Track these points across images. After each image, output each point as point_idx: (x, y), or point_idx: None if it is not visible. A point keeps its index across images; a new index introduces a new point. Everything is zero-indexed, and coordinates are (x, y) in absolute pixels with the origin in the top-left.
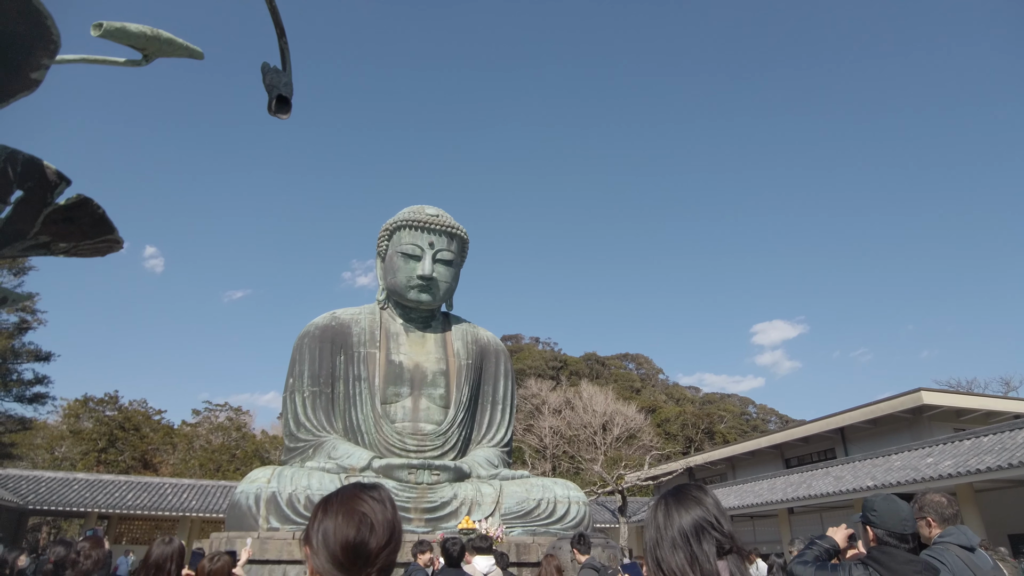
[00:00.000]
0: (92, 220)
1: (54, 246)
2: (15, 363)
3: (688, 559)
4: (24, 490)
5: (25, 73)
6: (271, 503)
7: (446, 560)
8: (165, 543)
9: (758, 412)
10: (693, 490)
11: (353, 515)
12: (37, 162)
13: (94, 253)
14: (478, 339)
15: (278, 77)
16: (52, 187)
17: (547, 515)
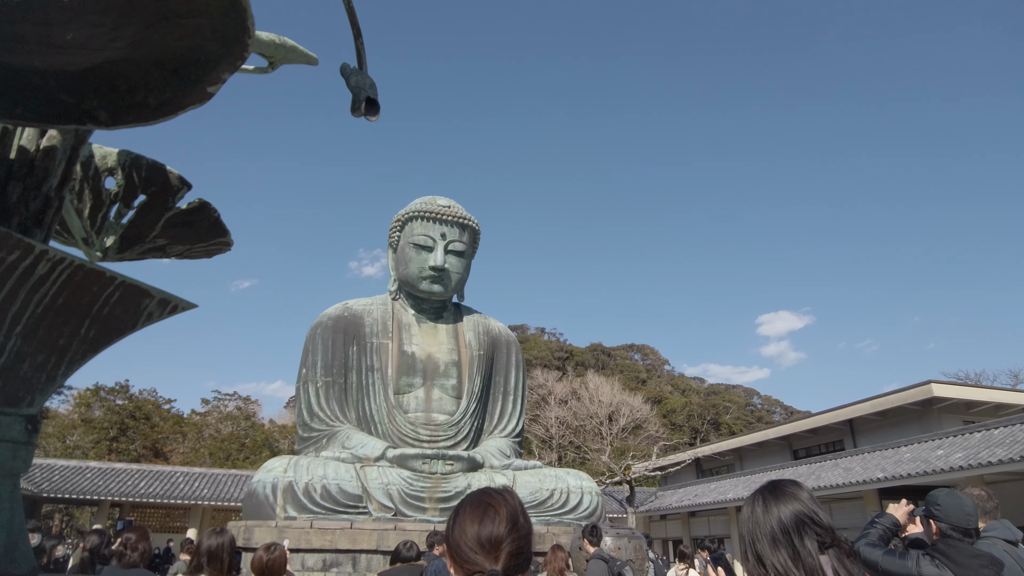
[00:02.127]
0: (208, 224)
1: (169, 249)
2: None
3: (791, 555)
4: (38, 478)
5: (202, 88)
6: (288, 492)
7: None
8: (217, 534)
9: (763, 403)
10: (788, 485)
11: (478, 508)
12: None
13: (204, 255)
14: (489, 330)
15: (363, 79)
16: (174, 192)
17: (560, 505)
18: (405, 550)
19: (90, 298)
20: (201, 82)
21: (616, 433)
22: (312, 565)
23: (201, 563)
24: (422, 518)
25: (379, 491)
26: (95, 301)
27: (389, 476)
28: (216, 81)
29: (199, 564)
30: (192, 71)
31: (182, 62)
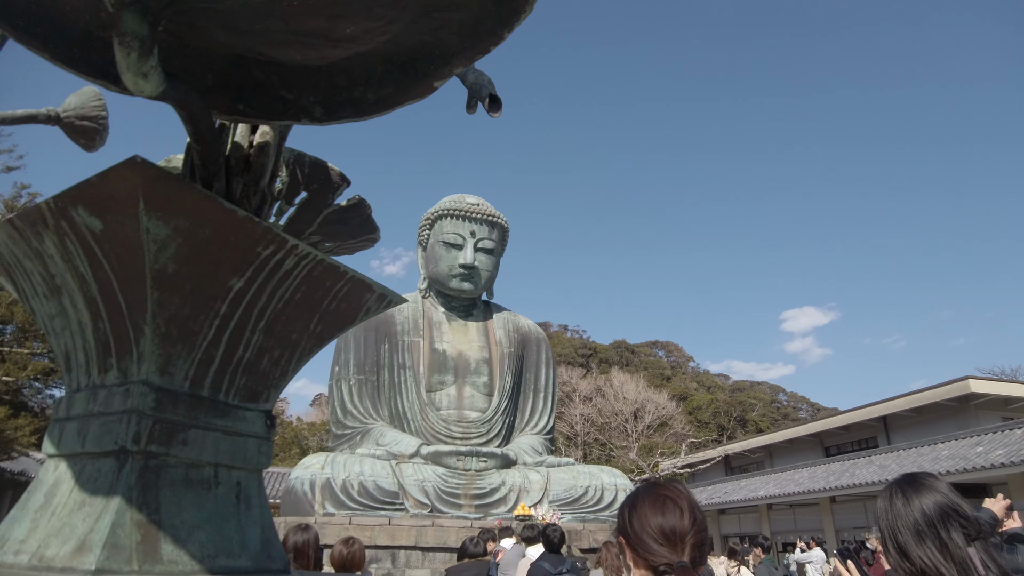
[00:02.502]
0: (360, 220)
1: (320, 246)
2: None
3: (938, 547)
4: None
5: (428, 83)
6: (326, 489)
7: (547, 546)
8: (302, 530)
9: (789, 400)
10: (926, 476)
11: (657, 500)
12: (322, 164)
13: (351, 251)
14: (519, 327)
15: (480, 76)
16: (335, 188)
17: (595, 502)
18: (472, 546)
19: (322, 293)
20: (429, 77)
21: (642, 430)
22: None
23: (287, 560)
24: (458, 515)
25: (415, 488)
26: (326, 296)
27: (424, 473)
28: (446, 76)
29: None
30: (424, 66)
31: (415, 56)
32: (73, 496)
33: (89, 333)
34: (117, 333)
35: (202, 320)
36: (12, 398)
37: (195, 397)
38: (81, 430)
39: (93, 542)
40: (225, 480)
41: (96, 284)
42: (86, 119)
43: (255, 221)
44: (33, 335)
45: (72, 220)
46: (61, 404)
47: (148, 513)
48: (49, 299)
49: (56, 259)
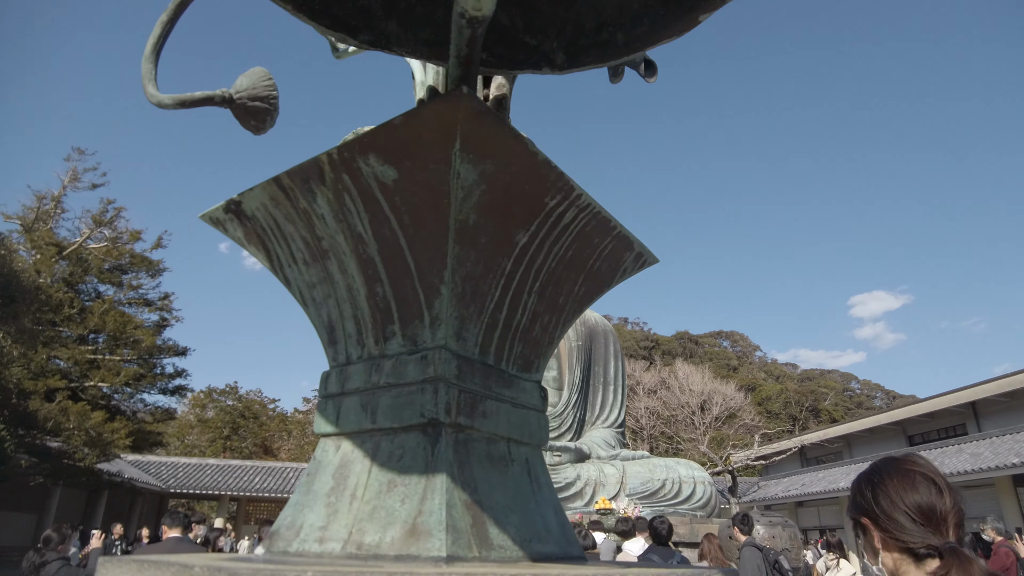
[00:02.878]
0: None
1: None
2: (158, 358)
3: None
4: (165, 475)
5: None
6: None
7: (655, 538)
8: None
9: (862, 388)
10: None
11: (907, 477)
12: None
13: None
14: (585, 320)
15: None
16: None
17: (672, 495)
18: (664, 529)
19: (589, 251)
20: (696, 10)
21: (709, 423)
22: None
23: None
24: None
25: None
26: (592, 254)
27: None
28: (716, 6)
29: None
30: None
31: None
32: (375, 476)
33: (362, 299)
34: (401, 296)
35: (490, 279)
36: (106, 403)
37: (485, 365)
38: (366, 405)
39: (429, 526)
40: (516, 457)
41: (376, 243)
42: (258, 99)
43: (551, 165)
44: (123, 343)
45: (357, 172)
46: (329, 380)
47: (470, 493)
48: (310, 266)
49: (327, 219)
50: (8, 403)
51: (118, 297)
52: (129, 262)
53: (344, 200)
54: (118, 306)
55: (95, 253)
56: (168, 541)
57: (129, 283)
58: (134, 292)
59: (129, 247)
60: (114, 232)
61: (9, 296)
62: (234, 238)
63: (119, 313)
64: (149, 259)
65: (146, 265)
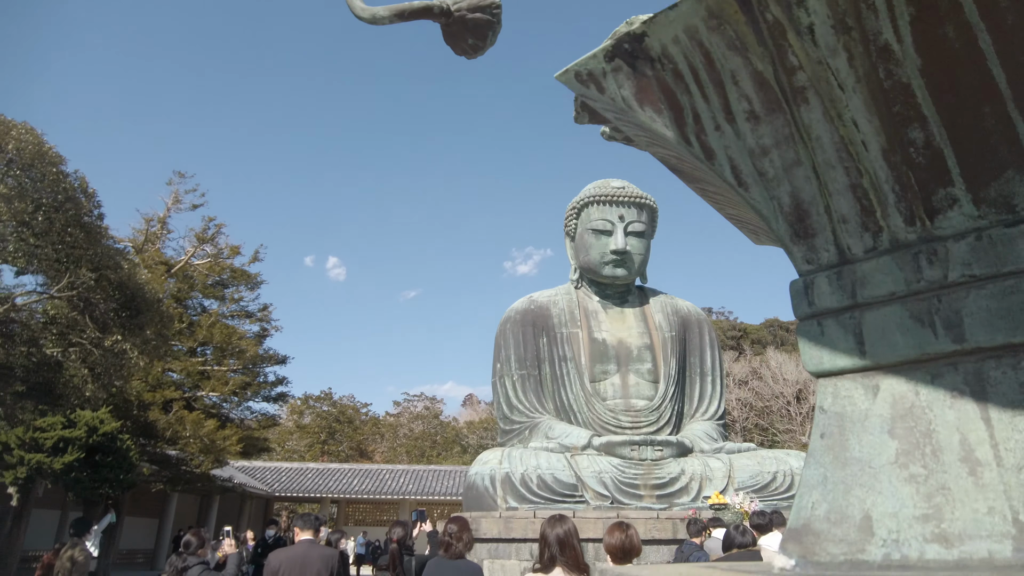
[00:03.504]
0: None
1: None
2: (261, 367)
3: None
4: (269, 479)
5: None
6: (506, 483)
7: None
8: (559, 521)
9: None
10: None
11: None
12: None
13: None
14: (678, 310)
15: None
16: None
17: (784, 489)
18: (740, 535)
19: None
20: None
21: (807, 412)
22: None
23: (553, 554)
24: (641, 505)
25: (593, 479)
26: None
27: (600, 464)
28: None
29: (552, 556)
30: None
31: None
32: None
33: (875, 156)
34: (969, 139)
35: None
36: (216, 412)
37: None
38: (923, 316)
39: None
40: None
41: (919, 57)
42: (479, 9)
43: None
44: (229, 353)
45: None
46: (814, 290)
47: None
48: (762, 121)
49: (819, 33)
50: (131, 414)
51: (222, 311)
52: (230, 276)
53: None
54: (222, 319)
55: (199, 269)
56: (301, 544)
57: (231, 296)
58: (236, 305)
59: (229, 262)
60: (215, 248)
61: (136, 308)
62: (612, 101)
63: (224, 326)
64: (247, 273)
65: (245, 279)
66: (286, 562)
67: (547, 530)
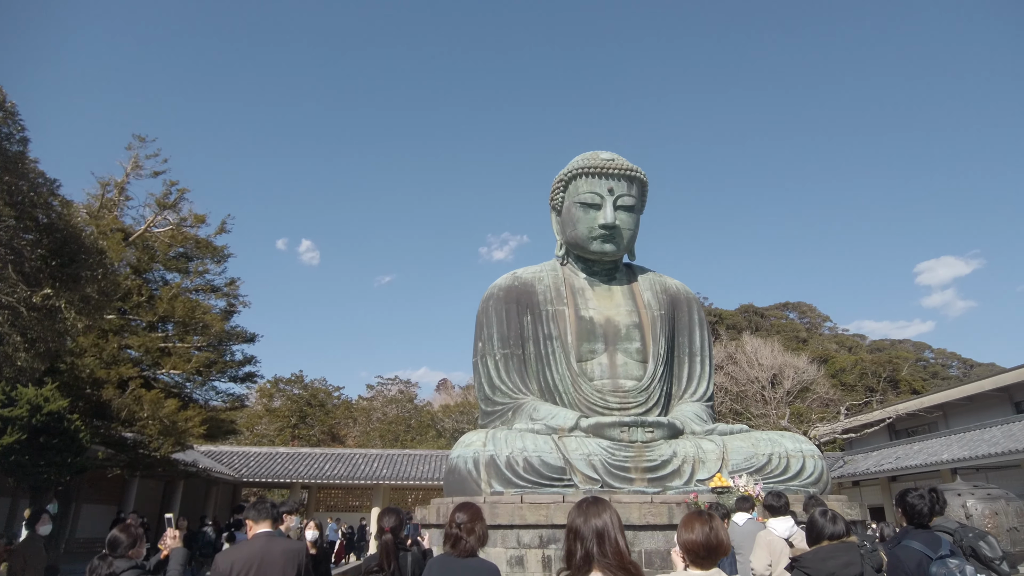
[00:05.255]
0: None
1: None
2: (228, 345)
3: None
4: (237, 464)
5: None
6: (491, 466)
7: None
8: (595, 507)
9: (937, 357)
10: None
11: None
12: None
13: None
14: (667, 288)
15: None
16: None
17: (780, 471)
18: (830, 523)
19: None
20: None
21: (781, 397)
22: (528, 542)
23: (589, 552)
24: (633, 489)
25: (581, 462)
26: None
27: (589, 446)
28: None
29: (587, 555)
30: None
31: None
32: None
33: None
34: None
35: None
36: (179, 392)
37: None
38: None
39: None
40: None
41: None
42: None
43: None
44: (193, 329)
45: None
46: None
47: None
48: None
49: None
50: (82, 393)
51: (185, 284)
52: (195, 248)
53: None
54: (186, 293)
55: (160, 239)
56: (257, 539)
57: (195, 269)
58: (200, 279)
59: (194, 232)
60: (178, 216)
61: (68, 256)
62: None
63: (187, 299)
64: (214, 245)
65: (211, 251)
66: (239, 563)
67: (578, 520)
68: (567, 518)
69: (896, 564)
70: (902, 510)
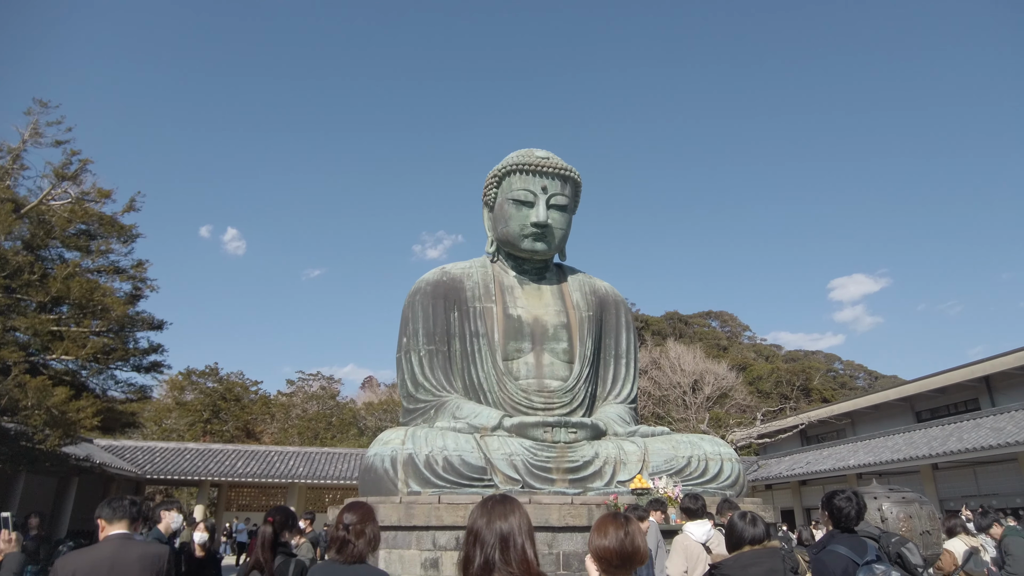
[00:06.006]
0: None
1: None
2: (131, 331)
3: None
4: (140, 460)
5: None
6: (409, 465)
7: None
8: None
9: (845, 368)
10: None
11: None
12: None
13: None
14: (596, 289)
15: None
16: None
17: (699, 473)
18: (749, 526)
19: None
20: None
21: (701, 402)
22: (444, 544)
23: (490, 559)
24: (554, 490)
25: (503, 462)
26: None
27: (511, 446)
28: None
29: (487, 562)
30: None
31: None
32: None
33: None
34: None
35: None
36: (72, 379)
37: None
38: None
39: None
40: None
41: None
42: None
43: None
44: (91, 312)
45: None
46: None
47: None
48: None
49: None
50: None
51: (86, 263)
52: (98, 226)
53: None
54: (86, 273)
55: (59, 213)
56: (108, 542)
57: (98, 248)
58: (104, 259)
59: (97, 208)
60: (80, 190)
61: None
62: None
63: (85, 280)
64: (120, 223)
65: (117, 230)
66: (82, 570)
67: (479, 521)
68: (468, 518)
69: (822, 570)
70: (828, 513)
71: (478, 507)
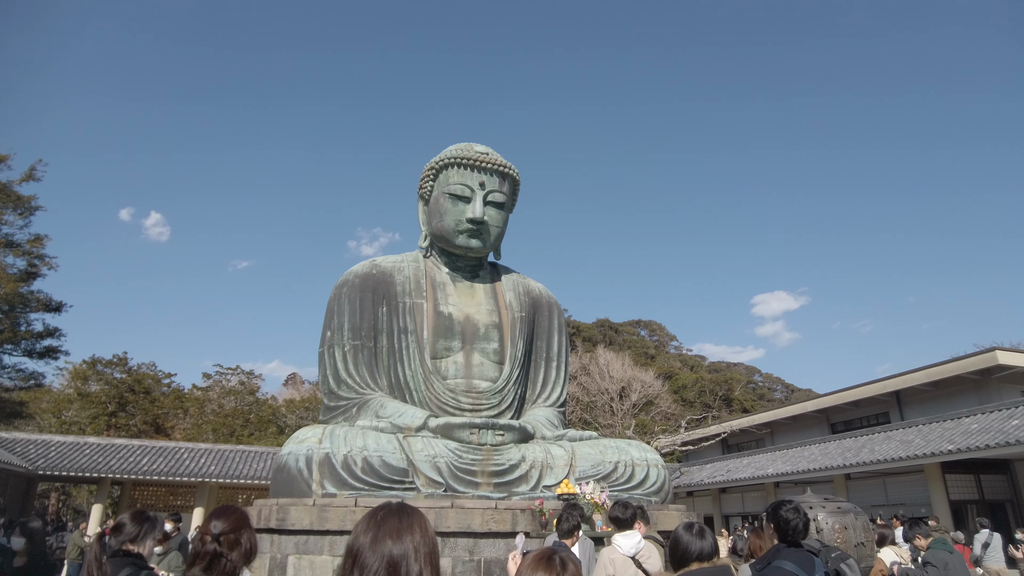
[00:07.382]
0: None
1: None
2: (23, 311)
3: None
4: (33, 455)
5: None
6: (325, 465)
7: (783, 536)
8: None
9: (764, 380)
10: None
11: None
12: None
13: None
14: (529, 290)
15: None
16: None
17: (626, 479)
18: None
19: None
20: None
21: (628, 409)
22: None
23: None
24: (478, 494)
25: (426, 464)
26: None
27: (435, 448)
28: None
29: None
30: None
31: None
32: None
33: None
34: None
35: None
36: None
37: None
38: None
39: None
40: None
41: None
42: None
43: None
44: None
45: None
46: None
47: None
48: None
49: None
50: None
51: None
52: None
53: None
54: None
55: None
56: None
57: None
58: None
59: None
60: None
61: None
62: None
63: None
64: (17, 193)
65: (13, 200)
66: None
67: (362, 540)
68: (352, 532)
69: None
70: (774, 525)
71: (364, 519)
